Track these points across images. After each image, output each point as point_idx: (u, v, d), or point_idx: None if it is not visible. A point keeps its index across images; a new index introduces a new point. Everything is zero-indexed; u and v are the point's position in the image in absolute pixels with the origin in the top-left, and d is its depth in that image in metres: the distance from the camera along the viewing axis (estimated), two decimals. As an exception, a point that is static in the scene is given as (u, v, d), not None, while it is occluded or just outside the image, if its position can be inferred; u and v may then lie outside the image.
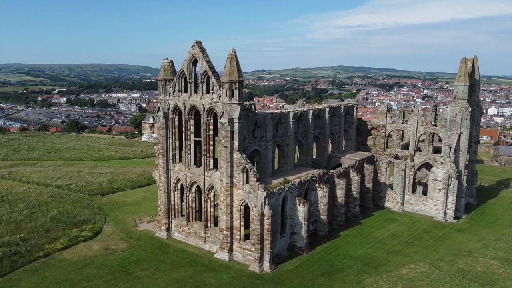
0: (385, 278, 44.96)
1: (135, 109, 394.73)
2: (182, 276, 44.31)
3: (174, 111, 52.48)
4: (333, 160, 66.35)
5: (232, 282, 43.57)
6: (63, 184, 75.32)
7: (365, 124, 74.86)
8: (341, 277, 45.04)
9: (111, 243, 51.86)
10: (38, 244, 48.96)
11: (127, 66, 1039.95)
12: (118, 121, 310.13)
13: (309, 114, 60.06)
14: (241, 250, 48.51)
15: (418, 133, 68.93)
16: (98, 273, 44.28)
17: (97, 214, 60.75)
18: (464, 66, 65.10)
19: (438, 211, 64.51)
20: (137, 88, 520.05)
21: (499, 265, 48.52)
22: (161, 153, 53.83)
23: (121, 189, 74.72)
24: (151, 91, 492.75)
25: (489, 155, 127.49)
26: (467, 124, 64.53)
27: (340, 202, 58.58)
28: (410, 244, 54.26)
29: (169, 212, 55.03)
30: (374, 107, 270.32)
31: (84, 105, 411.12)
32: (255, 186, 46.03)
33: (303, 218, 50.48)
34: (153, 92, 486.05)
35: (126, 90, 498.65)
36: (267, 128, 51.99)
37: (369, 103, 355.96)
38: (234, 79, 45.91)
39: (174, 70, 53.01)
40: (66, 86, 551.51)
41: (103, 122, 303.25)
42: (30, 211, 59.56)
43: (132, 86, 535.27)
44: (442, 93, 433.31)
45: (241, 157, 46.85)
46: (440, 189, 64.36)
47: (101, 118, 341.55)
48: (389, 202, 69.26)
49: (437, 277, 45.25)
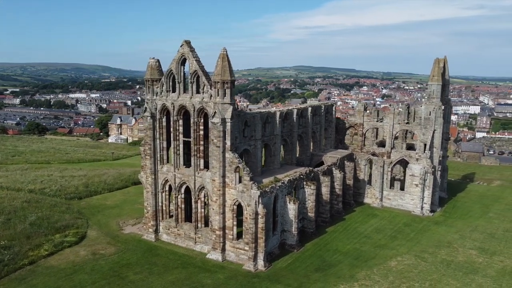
0: (376, 271, 46.46)
1: (95, 110, 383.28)
2: (177, 278, 43.81)
3: (161, 111, 51.70)
4: (315, 159, 67.60)
5: (228, 281, 43.57)
6: (36, 188, 72.12)
7: (343, 123, 76.80)
8: (335, 272, 46.12)
9: (98, 247, 50.36)
10: (21, 251, 46.68)
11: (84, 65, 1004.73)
12: (77, 123, 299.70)
13: (293, 114, 60.92)
14: (234, 249, 48.55)
15: (394, 131, 71.60)
16: (90, 279, 42.94)
17: (78, 218, 58.73)
18: (437, 67, 68.25)
19: (415, 205, 67.25)
20: (96, 88, 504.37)
21: (478, 255, 51.33)
22: (148, 154, 52.86)
23: (98, 192, 72.53)
24: (111, 91, 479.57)
25: (451, 151, 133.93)
26: (440, 122, 67.70)
27: (325, 199, 59.83)
28: (394, 238, 56.31)
29: (156, 214, 54.15)
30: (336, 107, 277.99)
31: (40, 106, 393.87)
32: (249, 185, 46.23)
33: (293, 216, 51.22)
34: (113, 92, 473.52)
35: (84, 90, 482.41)
36: (256, 127, 52.31)
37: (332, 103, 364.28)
38: (226, 79, 45.87)
39: (161, 69, 52.23)
40: (19, 86, 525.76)
41: (61, 124, 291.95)
42: (6, 217, 56.63)
43: (91, 86, 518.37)
44: (400, 93, 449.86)
45: (234, 156, 46.91)
46: (417, 184, 67.13)
47: (59, 119, 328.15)
48: (368, 198, 71.42)
49: (424, 268, 47.28)
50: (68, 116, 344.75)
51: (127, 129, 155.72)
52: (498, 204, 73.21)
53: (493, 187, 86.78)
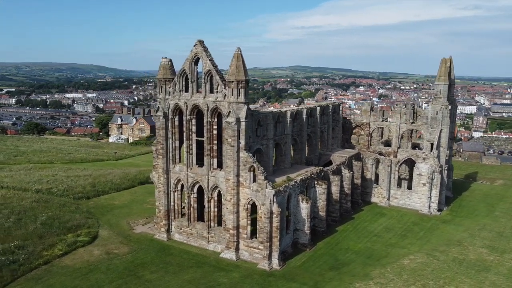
0: (389, 269, 46.81)
1: (91, 110, 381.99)
2: (193, 277, 43.93)
3: (174, 110, 51.78)
4: (323, 158, 67.90)
5: (244, 280, 43.75)
6: (43, 188, 71.82)
7: (349, 122, 77.14)
8: (348, 271, 46.44)
9: (111, 247, 50.36)
10: (35, 251, 46.63)
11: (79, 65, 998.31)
12: (74, 123, 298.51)
13: (303, 113, 61.21)
14: (248, 248, 48.73)
15: (401, 130, 72.06)
16: (107, 278, 42.98)
17: (89, 218, 58.65)
18: (444, 67, 68.78)
19: (423, 204, 67.73)
20: (92, 88, 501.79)
21: (489, 253, 51.84)
22: (160, 154, 52.91)
23: (106, 192, 72.39)
24: (108, 91, 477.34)
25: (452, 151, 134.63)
26: (447, 121, 68.21)
27: (335, 198, 60.15)
28: (404, 237, 56.72)
29: (169, 214, 54.20)
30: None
31: (36, 106, 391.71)
32: (263, 184, 46.44)
33: (306, 215, 51.49)
34: (109, 92, 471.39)
35: (81, 90, 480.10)
36: (268, 127, 52.52)
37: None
38: (240, 78, 46.07)
39: (173, 69, 52.32)
40: (15, 86, 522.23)
41: (58, 124, 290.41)
42: (17, 217, 56.48)
43: (87, 86, 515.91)
44: (396, 93, 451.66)
45: (248, 156, 47.10)
46: (424, 184, 67.61)
47: (56, 119, 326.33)
48: (375, 197, 71.82)
49: (437, 266, 47.69)
50: (64, 116, 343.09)
51: (128, 129, 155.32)
52: (503, 203, 73.87)
53: (497, 186, 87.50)
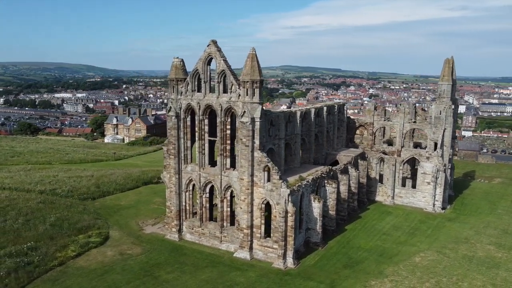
0: (402, 267, 47.44)
1: (81, 110, 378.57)
2: (210, 277, 44.00)
3: (186, 110, 51.74)
4: (330, 157, 68.40)
5: (261, 279, 43.97)
6: (46, 189, 71.04)
7: (353, 122, 77.84)
8: (363, 268, 46.94)
9: (124, 247, 50.13)
10: (48, 252, 46.21)
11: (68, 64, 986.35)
12: (64, 123, 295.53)
13: (311, 113, 61.63)
14: (262, 248, 48.94)
15: (405, 130, 72.94)
16: (123, 279, 42.82)
17: (97, 219, 58.24)
18: (447, 67, 69.84)
19: (427, 202, 68.65)
20: (82, 87, 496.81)
21: (497, 250, 52.84)
22: (172, 154, 52.80)
23: (110, 192, 71.86)
24: (97, 91, 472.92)
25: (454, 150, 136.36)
26: (450, 121, 69.26)
27: (344, 197, 60.66)
28: (413, 235, 57.46)
29: (180, 214, 54.13)
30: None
31: (24, 106, 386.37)
32: (278, 184, 46.69)
33: (318, 214, 51.89)
34: (99, 92, 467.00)
35: (70, 90, 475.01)
36: (280, 127, 52.80)
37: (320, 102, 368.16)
38: (255, 78, 46.25)
39: (185, 69, 52.28)
40: (2, 86, 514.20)
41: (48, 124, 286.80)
42: (25, 218, 55.87)
43: (77, 86, 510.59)
44: (386, 92, 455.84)
45: (262, 155, 47.30)
46: (429, 182, 68.54)
47: (45, 119, 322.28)
48: (379, 196, 72.56)
49: (448, 264, 48.47)
50: (54, 116, 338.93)
51: (124, 129, 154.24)
52: (504, 201, 75.18)
53: (495, 184, 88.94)
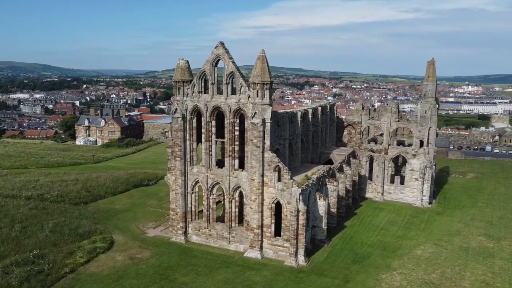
0: (407, 260, 49.63)
1: (40, 111, 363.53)
2: (226, 278, 44.23)
3: (192, 112, 51.55)
4: (323, 156, 70.04)
5: (277, 278, 44.69)
6: (33, 194, 68.28)
7: (341, 121, 80.00)
8: (371, 263, 48.72)
9: (132, 252, 49.28)
10: (56, 260, 44.72)
11: (21, 63, 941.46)
12: (23, 125, 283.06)
13: (309, 113, 63.00)
14: (272, 247, 49.65)
15: (391, 129, 75.86)
16: (140, 283, 42.25)
17: (96, 223, 56.72)
18: (432, 68, 73.35)
19: (415, 198, 71.83)
20: (39, 88, 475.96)
21: (487, 240, 56.27)
22: (178, 156, 52.42)
23: (102, 196, 70.01)
24: (56, 91, 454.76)
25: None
26: (435, 120, 72.84)
27: (341, 195, 62.41)
28: (409, 229, 60.08)
29: (186, 216, 53.84)
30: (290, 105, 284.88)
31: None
32: (289, 183, 47.57)
33: (323, 212, 53.23)
34: (59, 92, 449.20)
35: (26, 90, 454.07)
36: (285, 127, 53.74)
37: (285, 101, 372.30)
38: (266, 80, 46.86)
39: (191, 70, 52.09)
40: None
41: (4, 126, 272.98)
42: (21, 225, 53.62)
43: (33, 86, 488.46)
44: (349, 92, 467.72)
45: (273, 156, 48.03)
46: (416, 178, 71.75)
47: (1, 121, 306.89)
48: (369, 192, 75.10)
49: (448, 255, 51.18)
50: (11, 118, 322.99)
51: (96, 130, 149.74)
52: (481, 195, 79.82)
53: (470, 179, 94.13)
